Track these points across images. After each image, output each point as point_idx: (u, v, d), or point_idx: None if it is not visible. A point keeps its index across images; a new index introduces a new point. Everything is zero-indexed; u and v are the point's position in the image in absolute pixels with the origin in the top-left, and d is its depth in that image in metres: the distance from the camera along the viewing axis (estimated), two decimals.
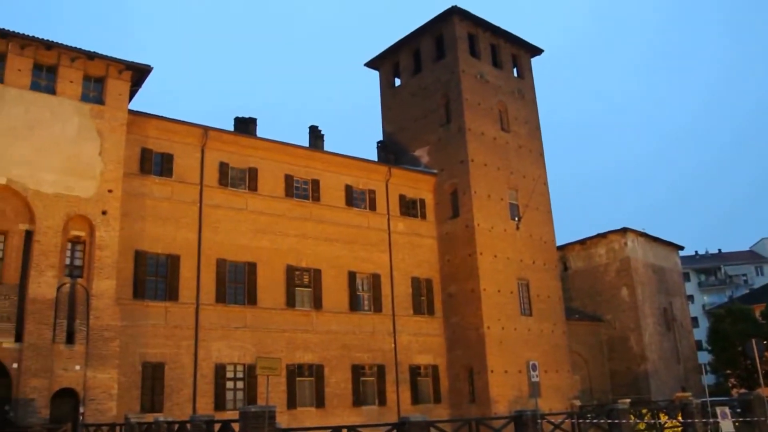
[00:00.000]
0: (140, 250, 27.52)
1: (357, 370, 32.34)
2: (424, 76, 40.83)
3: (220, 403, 27.85)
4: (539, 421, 18.43)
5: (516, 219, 37.71)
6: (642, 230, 49.66)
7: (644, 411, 26.00)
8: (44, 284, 23.78)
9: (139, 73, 27.93)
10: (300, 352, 30.77)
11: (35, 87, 25.66)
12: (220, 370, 28.32)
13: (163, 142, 29.38)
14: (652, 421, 24.83)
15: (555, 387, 36.32)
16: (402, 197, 36.95)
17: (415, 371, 34.52)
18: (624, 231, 47.46)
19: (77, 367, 23.77)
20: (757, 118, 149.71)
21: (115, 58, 27.15)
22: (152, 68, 27.77)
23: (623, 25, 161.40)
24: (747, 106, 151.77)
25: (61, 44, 26.07)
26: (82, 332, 24.15)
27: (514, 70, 42.86)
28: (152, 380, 26.73)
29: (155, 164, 28.96)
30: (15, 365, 22.83)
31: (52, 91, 25.92)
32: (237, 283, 29.89)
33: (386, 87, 43.82)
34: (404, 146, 40.65)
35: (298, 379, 30.40)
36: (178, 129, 29.92)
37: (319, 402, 30.74)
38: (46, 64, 26.08)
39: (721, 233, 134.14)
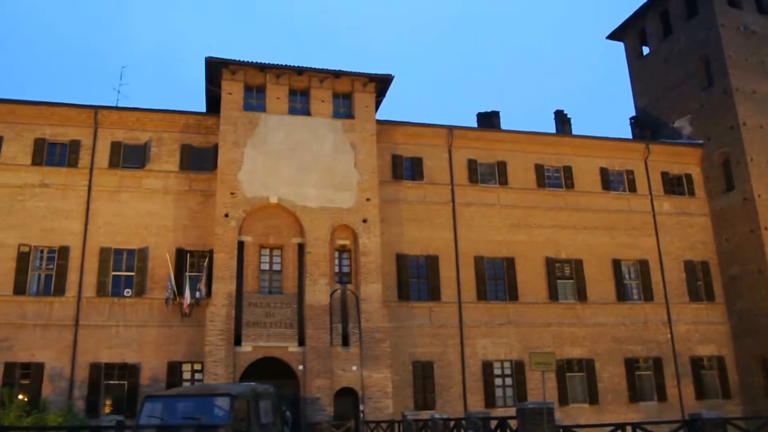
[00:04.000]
0: (401, 253, 28.50)
1: (630, 364, 30.20)
2: (675, 39, 37.17)
3: (489, 400, 27.71)
4: None
5: None
6: None
7: None
8: (318, 292, 25.60)
9: (382, 84, 28.97)
10: (568, 346, 29.55)
11: (292, 111, 27.90)
12: (487, 367, 28.22)
13: (411, 146, 30.17)
14: None
15: None
16: (665, 174, 33.86)
17: (697, 363, 31.31)
18: None
19: (354, 368, 25.18)
20: None
21: (359, 73, 28.47)
22: (393, 77, 28.62)
23: None
24: None
25: (311, 68, 28.01)
26: (355, 335, 25.56)
27: None
28: (423, 379, 27.43)
29: (406, 169, 29.86)
30: (300, 367, 24.82)
31: (306, 112, 27.97)
32: (496, 280, 29.61)
33: (633, 58, 40.69)
34: (661, 119, 37.34)
35: (567, 374, 29.21)
36: (424, 132, 30.55)
37: (592, 398, 29.21)
38: (299, 88, 28.23)
39: None
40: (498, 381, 28.36)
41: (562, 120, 34.64)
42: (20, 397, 23.28)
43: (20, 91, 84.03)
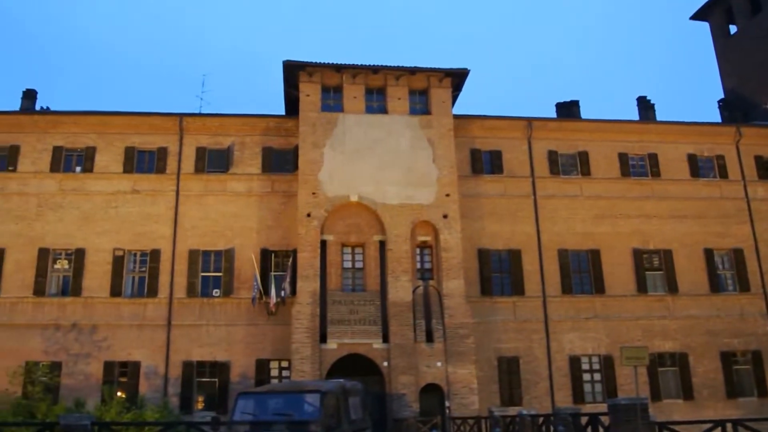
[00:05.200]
0: (482, 248, 28.24)
1: (727, 358, 28.88)
2: (765, 16, 35.32)
3: (578, 396, 27.10)
4: None
5: None
6: None
7: None
8: (401, 288, 25.68)
9: (457, 78, 28.77)
10: (658, 340, 28.54)
11: (369, 110, 28.08)
12: (574, 362, 27.61)
13: (490, 140, 29.85)
14: None
15: None
16: (759, 159, 32.15)
17: None
18: None
19: (438, 364, 25.12)
20: None
21: (435, 68, 28.37)
22: (469, 71, 28.38)
23: None
24: None
25: (386, 66, 28.10)
26: (439, 331, 25.49)
27: None
28: (508, 374, 27.11)
29: (485, 163, 29.58)
30: (385, 363, 24.95)
31: (383, 110, 28.08)
32: (581, 273, 28.92)
33: (720, 37, 38.93)
34: (752, 100, 35.56)
35: (659, 369, 28.21)
36: (502, 125, 30.16)
37: (687, 393, 28.10)
38: (375, 86, 28.38)
39: None
40: (586, 376, 27.70)
41: (645, 106, 33.49)
42: (119, 394, 24.36)
43: (109, 102, 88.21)
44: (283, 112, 30.19)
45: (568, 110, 32.29)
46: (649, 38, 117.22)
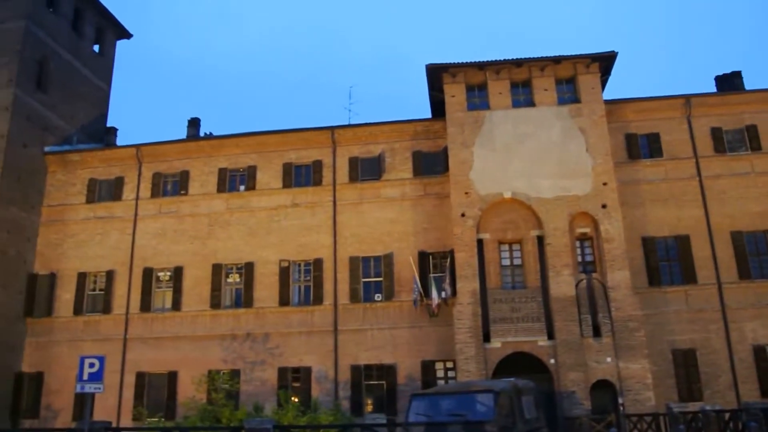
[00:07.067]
0: (646, 236, 26.97)
1: None
2: None
3: (765, 390, 25.04)
4: None
5: None
6: None
7: None
8: (563, 283, 25.04)
9: (605, 62, 27.75)
10: None
11: (516, 104, 27.71)
12: (759, 353, 25.57)
13: (645, 122, 28.47)
14: None
15: None
16: None
17: None
18: None
19: (608, 359, 24.21)
20: None
21: (581, 55, 27.55)
22: (617, 54, 27.27)
23: None
24: None
25: (530, 58, 27.63)
26: (606, 325, 24.58)
27: None
28: (685, 368, 25.62)
29: (642, 147, 28.25)
30: (552, 361, 24.40)
31: (530, 103, 27.59)
32: (759, 255, 26.73)
33: None
34: None
35: None
36: (657, 105, 28.65)
37: None
38: (520, 80, 27.98)
39: None
40: None
41: None
42: (293, 399, 25.52)
43: (262, 119, 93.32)
44: (429, 115, 30.49)
45: (729, 83, 30.15)
46: None
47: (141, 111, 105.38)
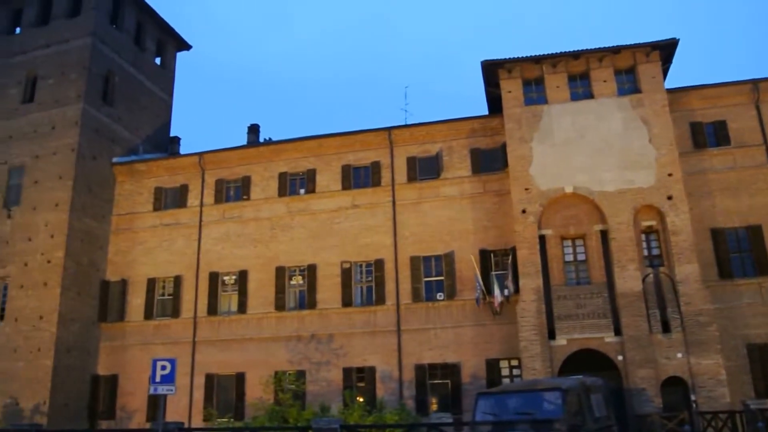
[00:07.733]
0: (716, 228, 26.11)
1: None
2: None
3: None
4: None
5: None
6: None
7: None
8: (629, 278, 24.48)
9: (666, 50, 27.00)
10: None
11: (574, 97, 27.24)
12: None
13: (710, 110, 27.57)
14: None
15: None
16: None
17: None
18: None
19: (679, 355, 23.54)
20: None
21: (640, 44, 26.92)
22: (678, 40, 26.50)
23: None
24: None
25: (587, 50, 27.17)
26: (675, 320, 23.91)
27: None
28: (761, 363, 24.65)
29: (708, 135, 27.36)
30: (620, 357, 23.87)
31: (589, 95, 27.09)
32: None
33: None
34: None
35: None
36: (724, 92, 27.68)
37: None
38: (578, 72, 27.50)
39: None
40: None
41: None
42: (359, 399, 25.70)
43: (319, 121, 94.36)
44: (485, 112, 30.29)
45: None
46: None
47: (202, 120, 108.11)
